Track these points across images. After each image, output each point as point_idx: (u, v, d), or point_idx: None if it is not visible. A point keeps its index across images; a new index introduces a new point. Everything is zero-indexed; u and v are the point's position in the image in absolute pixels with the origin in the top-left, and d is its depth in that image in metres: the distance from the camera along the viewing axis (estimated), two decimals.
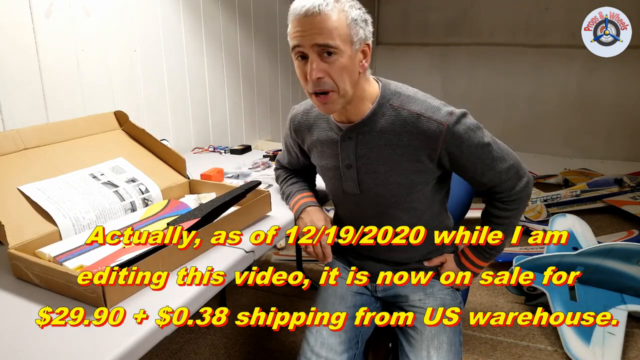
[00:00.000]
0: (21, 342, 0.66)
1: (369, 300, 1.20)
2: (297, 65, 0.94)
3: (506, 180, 1.03)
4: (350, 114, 1.00)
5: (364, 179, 1.05)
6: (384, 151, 0.99)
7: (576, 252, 2.01)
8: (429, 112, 0.95)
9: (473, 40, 4.24)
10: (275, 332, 1.95)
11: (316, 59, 0.88)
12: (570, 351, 1.75)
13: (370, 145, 1.01)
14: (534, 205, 3.23)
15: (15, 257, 0.82)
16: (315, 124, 1.10)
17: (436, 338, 1.05)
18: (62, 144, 1.10)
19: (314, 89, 0.91)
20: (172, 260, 0.85)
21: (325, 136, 1.08)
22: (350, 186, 1.07)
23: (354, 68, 0.92)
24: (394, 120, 0.97)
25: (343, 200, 1.15)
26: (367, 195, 1.07)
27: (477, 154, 0.98)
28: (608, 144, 4.10)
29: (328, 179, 1.15)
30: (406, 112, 0.96)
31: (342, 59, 0.89)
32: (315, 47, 0.88)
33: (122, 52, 1.61)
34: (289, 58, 2.88)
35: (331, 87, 0.91)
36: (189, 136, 2.02)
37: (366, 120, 0.99)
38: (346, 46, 0.89)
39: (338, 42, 0.87)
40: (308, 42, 0.87)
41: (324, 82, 0.90)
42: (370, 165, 1.02)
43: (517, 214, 1.10)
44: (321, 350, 1.05)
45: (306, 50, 0.89)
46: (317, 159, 1.14)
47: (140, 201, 1.07)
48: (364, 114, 0.99)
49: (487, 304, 2.17)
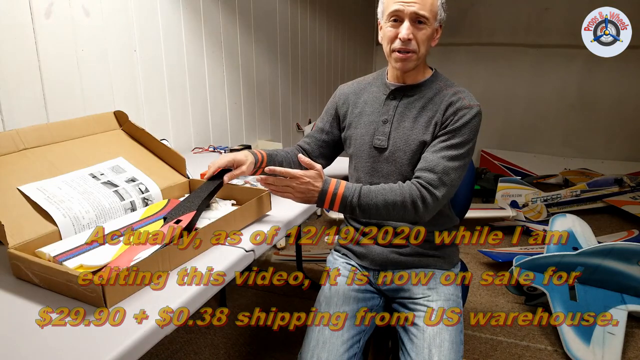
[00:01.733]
0: (21, 342, 0.66)
1: (371, 298, 1.20)
2: (389, 26, 1.11)
3: (434, 173, 1.06)
4: (408, 78, 1.18)
5: (393, 134, 1.17)
6: (418, 113, 1.15)
7: (576, 252, 2.01)
8: (464, 94, 1.13)
9: (473, 40, 4.25)
10: (275, 332, 1.95)
11: (410, 24, 1.08)
12: (570, 351, 1.75)
13: (409, 107, 1.17)
14: (534, 205, 3.23)
15: (15, 257, 0.81)
16: (365, 89, 1.27)
17: (438, 336, 1.05)
18: (62, 144, 1.10)
19: (400, 46, 1.10)
20: (172, 260, 0.85)
21: (372, 97, 1.24)
22: (380, 140, 1.18)
23: (431, 39, 1.13)
24: (437, 92, 1.16)
25: (368, 156, 1.20)
26: (391, 150, 1.17)
27: (455, 142, 1.08)
28: (608, 144, 4.11)
29: (359, 136, 1.22)
30: (448, 90, 1.15)
31: (428, 29, 1.10)
32: (413, 15, 1.07)
33: (122, 52, 1.61)
34: (289, 58, 2.88)
35: (414, 48, 1.10)
36: (189, 136, 2.02)
37: (416, 86, 1.17)
38: (433, 21, 1.10)
39: (430, 15, 1.08)
40: (409, 9, 1.06)
41: (410, 43, 1.09)
42: (403, 122, 1.16)
43: (399, 209, 1.05)
44: (322, 350, 1.05)
45: (403, 15, 1.08)
46: (355, 118, 1.24)
47: (140, 201, 1.07)
48: (418, 81, 1.18)
49: (487, 304, 2.17)
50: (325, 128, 1.32)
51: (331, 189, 1.05)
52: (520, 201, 3.22)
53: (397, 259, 1.19)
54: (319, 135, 1.33)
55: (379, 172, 1.19)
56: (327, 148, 1.34)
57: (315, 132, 1.35)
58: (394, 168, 1.17)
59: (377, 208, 1.05)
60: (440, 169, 1.06)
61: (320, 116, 1.36)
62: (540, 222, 3.02)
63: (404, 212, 1.05)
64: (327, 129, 1.32)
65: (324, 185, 1.05)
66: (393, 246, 1.20)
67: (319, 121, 1.36)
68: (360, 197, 1.05)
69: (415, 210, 1.05)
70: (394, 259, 1.19)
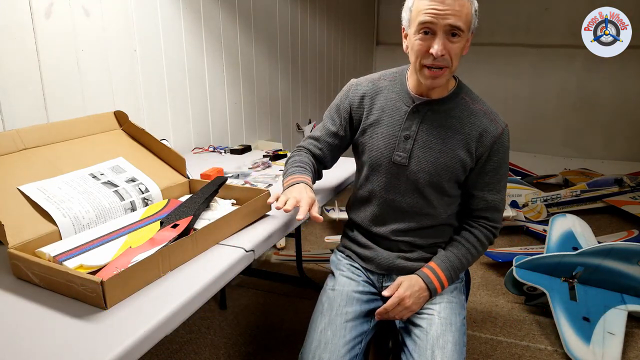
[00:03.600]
0: (21, 342, 0.66)
1: (374, 300, 1.19)
2: (418, 39, 1.01)
3: (499, 211, 1.18)
4: (434, 91, 1.10)
5: (416, 152, 1.11)
6: (445, 133, 1.10)
7: (576, 252, 2.01)
8: (492, 114, 1.12)
9: (473, 40, 4.24)
10: (275, 332, 1.95)
11: (444, 38, 0.98)
12: (570, 351, 1.75)
13: (435, 123, 1.10)
14: (534, 205, 3.23)
15: (15, 257, 0.81)
16: (383, 93, 1.16)
17: (441, 337, 1.05)
18: (62, 144, 1.09)
19: (432, 63, 1.01)
20: (172, 260, 0.85)
21: (391, 105, 1.14)
22: (400, 156, 1.12)
23: (463, 51, 1.05)
24: (464, 109, 1.10)
25: (385, 170, 1.15)
26: (413, 169, 1.12)
27: (502, 172, 1.14)
28: (608, 144, 4.10)
29: (376, 149, 1.15)
30: (475, 107, 1.11)
31: (462, 41, 1.01)
32: (447, 27, 0.97)
33: (122, 52, 1.61)
34: (289, 58, 2.88)
35: (447, 64, 1.01)
36: (189, 136, 2.02)
37: (442, 101, 1.11)
38: (466, 31, 1.01)
39: (465, 27, 0.99)
40: (443, 21, 0.96)
41: (444, 59, 1.00)
42: (427, 141, 1.11)
43: (482, 252, 1.20)
44: (324, 350, 1.05)
45: (436, 28, 0.98)
46: (371, 126, 1.16)
47: (140, 201, 1.07)
48: (443, 95, 1.11)
49: (487, 304, 2.17)
50: (339, 133, 1.21)
51: (437, 284, 1.13)
52: (520, 201, 3.22)
53: (403, 264, 1.18)
54: (331, 139, 1.23)
55: (396, 188, 1.15)
56: (337, 151, 1.26)
57: (328, 137, 1.23)
58: (412, 186, 1.13)
59: (468, 264, 1.19)
60: (501, 204, 1.17)
61: (329, 115, 1.24)
62: (540, 222, 3.02)
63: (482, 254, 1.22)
64: (341, 134, 1.21)
65: (430, 286, 1.12)
66: (400, 251, 1.19)
67: (329, 123, 1.23)
68: (457, 270, 1.15)
69: (491, 243, 1.21)
70: (400, 264, 1.18)
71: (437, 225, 1.18)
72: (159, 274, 0.82)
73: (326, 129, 1.24)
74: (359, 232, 1.25)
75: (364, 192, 1.21)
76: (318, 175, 1.28)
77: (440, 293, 1.15)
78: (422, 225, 1.16)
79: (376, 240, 1.21)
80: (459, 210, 1.21)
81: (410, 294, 1.10)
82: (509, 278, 2.09)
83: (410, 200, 1.14)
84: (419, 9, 0.99)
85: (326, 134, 1.24)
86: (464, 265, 1.16)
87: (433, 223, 1.16)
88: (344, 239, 1.31)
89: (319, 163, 1.26)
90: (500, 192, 1.15)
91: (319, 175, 1.29)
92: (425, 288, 1.11)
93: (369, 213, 1.20)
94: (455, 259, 1.15)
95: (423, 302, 1.12)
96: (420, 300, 1.11)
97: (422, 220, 1.16)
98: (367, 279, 1.22)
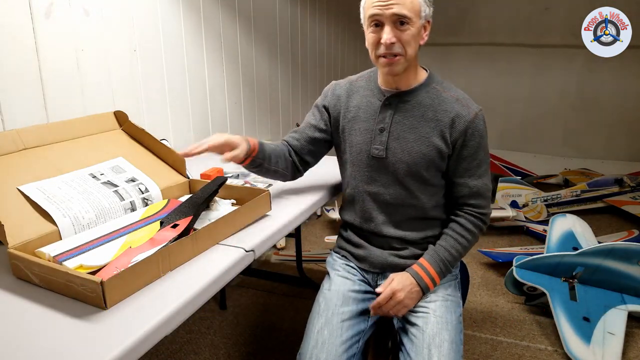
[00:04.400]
0: (21, 342, 0.66)
1: (370, 299, 1.20)
2: (370, 32, 1.07)
3: (484, 197, 1.17)
4: (401, 82, 1.14)
5: (392, 143, 1.14)
6: (418, 122, 1.13)
7: (576, 252, 2.01)
8: (465, 99, 1.13)
9: (473, 40, 4.25)
10: (275, 332, 1.95)
11: (391, 26, 1.03)
12: (570, 351, 1.75)
13: (407, 114, 1.14)
14: (534, 205, 3.23)
15: (15, 257, 0.81)
16: (358, 92, 1.22)
17: (437, 336, 1.05)
18: (62, 144, 1.09)
19: (385, 51, 1.05)
20: (172, 260, 0.85)
21: (365, 102, 1.20)
22: (377, 149, 1.16)
23: (418, 38, 1.08)
24: (435, 98, 1.13)
25: (365, 164, 1.19)
26: (391, 160, 1.15)
27: (481, 157, 1.13)
28: (608, 144, 4.10)
29: (355, 144, 1.20)
30: (446, 94, 1.13)
31: (412, 29, 1.05)
32: (393, 17, 1.02)
33: (122, 52, 1.61)
34: (289, 58, 2.88)
35: (400, 51, 1.05)
36: (189, 136, 2.02)
37: (411, 92, 1.14)
38: (416, 19, 1.05)
39: (412, 14, 1.03)
40: (387, 11, 1.02)
41: (395, 47, 1.05)
42: (401, 132, 1.14)
43: (473, 241, 1.20)
44: (321, 350, 1.05)
45: (383, 19, 1.03)
46: (349, 123, 1.21)
47: (140, 201, 1.07)
48: (412, 86, 1.14)
49: (487, 304, 2.17)
50: (318, 125, 1.26)
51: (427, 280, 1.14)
52: (520, 201, 3.22)
53: (396, 261, 1.19)
54: (310, 132, 1.27)
55: (378, 181, 1.18)
56: (316, 145, 1.28)
57: (306, 129, 1.28)
58: (393, 177, 1.16)
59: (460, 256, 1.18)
60: (484, 190, 1.16)
61: (310, 112, 1.30)
62: (540, 222, 3.02)
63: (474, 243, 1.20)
64: (321, 127, 1.26)
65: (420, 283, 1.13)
66: (392, 249, 1.20)
67: (309, 117, 1.29)
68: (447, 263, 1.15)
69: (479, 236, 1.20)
70: (392, 262, 1.19)
71: (425, 218, 1.19)
72: (159, 274, 0.82)
73: (306, 122, 1.30)
74: (352, 231, 1.27)
75: (350, 190, 1.25)
76: (294, 167, 1.27)
77: (434, 290, 1.16)
78: (409, 217, 1.18)
79: (368, 238, 1.23)
80: (447, 203, 1.21)
81: (402, 288, 1.11)
82: (509, 278, 2.09)
83: (393, 192, 1.17)
84: (368, 5, 1.06)
85: (305, 127, 1.29)
86: (454, 256, 1.16)
87: (419, 214, 1.18)
88: (339, 239, 1.33)
89: (296, 154, 1.27)
90: (481, 177, 1.15)
91: (296, 167, 1.28)
92: (415, 284, 1.12)
93: (357, 210, 1.23)
94: (444, 251, 1.15)
95: (417, 298, 1.13)
96: (413, 295, 1.12)
97: (407, 211, 1.18)
98: (362, 278, 1.23)
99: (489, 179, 1.17)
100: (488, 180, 1.17)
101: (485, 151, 1.14)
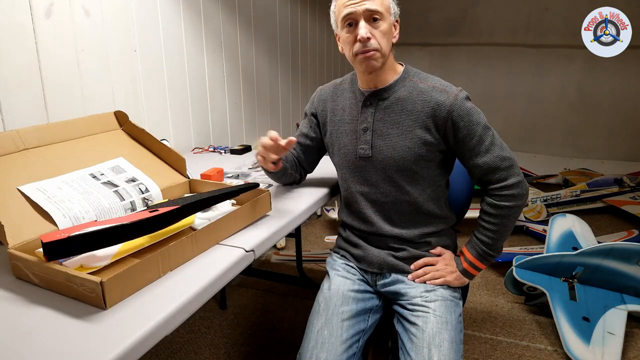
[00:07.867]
0: (21, 342, 0.66)
1: (370, 298, 1.20)
2: (345, 32, 1.10)
3: (501, 169, 1.11)
4: (378, 80, 1.15)
5: (377, 141, 1.16)
6: (399, 117, 1.13)
7: (576, 252, 2.01)
8: (442, 86, 1.13)
9: (473, 40, 4.25)
10: (275, 332, 1.95)
11: (365, 23, 1.06)
12: (570, 351, 1.75)
13: (387, 110, 1.15)
14: (534, 205, 3.23)
15: (15, 257, 0.81)
16: (342, 94, 1.25)
17: (437, 336, 1.05)
18: (62, 144, 1.09)
19: (362, 48, 1.07)
20: (171, 260, 0.85)
21: (348, 104, 1.22)
22: (363, 149, 1.17)
23: (391, 35, 1.11)
24: (412, 90, 1.13)
25: (354, 166, 1.21)
26: (377, 158, 1.16)
27: (478, 133, 1.10)
28: (608, 144, 4.10)
29: (343, 146, 1.22)
30: (423, 85, 1.13)
31: (385, 25, 1.08)
32: (366, 12, 1.05)
33: (122, 52, 1.61)
34: (289, 58, 2.88)
35: (375, 47, 1.07)
36: (189, 136, 2.02)
37: (388, 88, 1.15)
38: (387, 15, 1.09)
39: (383, 10, 1.07)
40: (360, 8, 1.05)
41: (370, 43, 1.07)
42: (384, 128, 1.15)
43: (510, 213, 1.13)
44: (321, 350, 1.05)
45: (356, 16, 1.06)
46: (336, 126, 1.24)
47: (140, 201, 1.07)
48: (388, 82, 1.15)
49: (487, 304, 2.17)
50: (308, 134, 1.31)
51: (466, 265, 1.18)
52: None
53: (394, 262, 1.20)
54: (304, 140, 1.32)
55: (368, 180, 1.19)
56: (312, 153, 1.34)
57: (300, 138, 1.32)
58: (383, 175, 1.17)
59: (503, 238, 1.17)
60: (497, 162, 1.10)
61: (302, 121, 1.35)
62: (540, 222, 3.02)
63: (518, 214, 1.15)
64: (311, 135, 1.31)
65: (459, 267, 1.18)
66: (390, 249, 1.20)
67: (302, 126, 1.34)
68: (486, 245, 1.16)
69: (521, 204, 1.14)
70: (390, 262, 1.20)
71: (419, 214, 1.19)
72: (159, 274, 0.82)
73: (299, 131, 1.34)
74: (350, 232, 1.28)
75: (345, 191, 1.27)
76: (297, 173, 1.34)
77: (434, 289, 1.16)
78: (402, 213, 1.19)
79: (366, 238, 1.24)
80: (440, 197, 1.21)
81: (447, 259, 1.19)
82: (508, 278, 2.09)
83: (384, 190, 1.18)
84: (340, 6, 1.10)
85: (299, 135, 1.33)
86: (492, 237, 1.15)
87: (412, 210, 1.19)
88: (339, 239, 1.35)
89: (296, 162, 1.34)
90: (489, 151, 1.10)
91: (299, 174, 1.35)
92: (455, 267, 1.19)
93: (353, 210, 1.25)
94: (480, 234, 1.17)
95: (456, 278, 1.18)
96: (454, 273, 1.18)
97: (401, 208, 1.18)
98: (362, 277, 1.24)
99: (500, 149, 1.11)
100: (499, 151, 1.10)
101: (481, 125, 1.10)
